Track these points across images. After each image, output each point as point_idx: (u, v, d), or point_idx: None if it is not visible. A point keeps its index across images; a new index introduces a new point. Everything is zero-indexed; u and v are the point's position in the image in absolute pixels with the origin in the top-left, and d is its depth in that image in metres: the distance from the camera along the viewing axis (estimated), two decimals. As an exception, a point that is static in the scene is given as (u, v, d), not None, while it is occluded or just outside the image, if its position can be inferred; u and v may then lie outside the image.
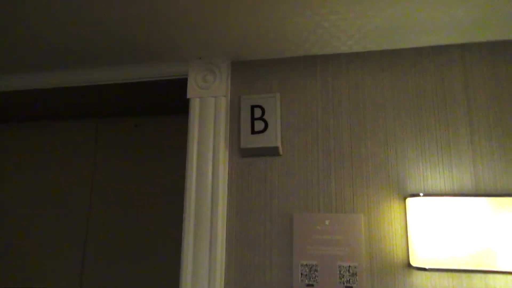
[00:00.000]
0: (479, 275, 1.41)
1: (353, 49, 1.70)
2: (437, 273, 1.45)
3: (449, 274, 1.44)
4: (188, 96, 1.79)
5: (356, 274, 1.51)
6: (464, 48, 1.62)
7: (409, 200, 1.51)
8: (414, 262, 1.45)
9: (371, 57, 1.69)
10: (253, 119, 1.70)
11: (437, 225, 1.39)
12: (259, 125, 1.69)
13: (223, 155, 1.70)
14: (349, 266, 1.52)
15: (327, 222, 1.58)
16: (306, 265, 1.55)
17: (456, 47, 1.62)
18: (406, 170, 1.56)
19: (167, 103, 2.23)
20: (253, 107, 1.71)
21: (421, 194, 1.45)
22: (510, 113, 1.53)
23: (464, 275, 1.43)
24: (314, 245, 1.56)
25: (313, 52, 1.73)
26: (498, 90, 1.55)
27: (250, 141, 1.67)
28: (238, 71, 1.81)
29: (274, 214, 1.63)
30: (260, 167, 1.70)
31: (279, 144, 1.64)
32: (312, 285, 1.53)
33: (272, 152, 1.67)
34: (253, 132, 1.69)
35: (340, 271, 1.52)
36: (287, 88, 1.74)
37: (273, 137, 1.65)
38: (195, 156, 1.71)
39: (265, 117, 1.69)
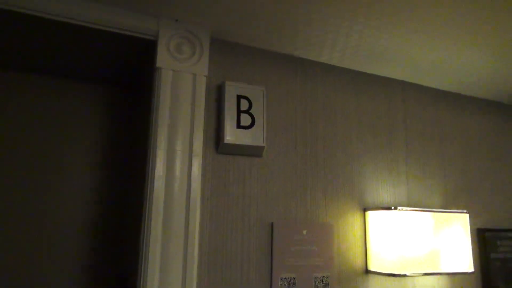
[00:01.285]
0: (428, 277, 1.70)
1: (331, 62, 1.72)
2: (391, 277, 1.64)
3: (401, 277, 1.65)
4: (159, 64, 1.36)
5: (328, 284, 1.51)
6: (405, 86, 1.90)
7: (369, 213, 1.65)
8: (371, 267, 1.59)
9: (345, 73, 1.76)
10: (239, 111, 1.46)
11: (391, 235, 1.57)
12: (245, 119, 1.46)
13: (199, 149, 1.38)
14: (323, 277, 1.51)
15: (304, 232, 1.52)
16: (285, 278, 1.44)
17: (399, 83, 1.89)
18: (366, 184, 1.70)
19: (101, 67, 1.63)
20: (239, 97, 1.47)
21: (381, 207, 1.62)
22: (430, 143, 1.90)
23: (415, 277, 1.68)
24: (292, 257, 1.47)
25: (295, 53, 1.64)
26: (425, 125, 1.91)
27: (235, 136, 1.43)
28: (218, 51, 1.52)
29: (252, 222, 1.44)
30: (240, 167, 1.47)
31: (265, 145, 1.47)
32: (292, 299, 1.44)
33: (256, 152, 1.48)
34: (238, 126, 1.44)
35: (315, 283, 1.49)
36: (269, 84, 1.59)
37: (259, 136, 1.47)
38: (163, 144, 1.32)
39: (252, 111, 1.48)
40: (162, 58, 1.37)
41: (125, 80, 1.88)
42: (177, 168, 1.33)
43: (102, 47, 1.55)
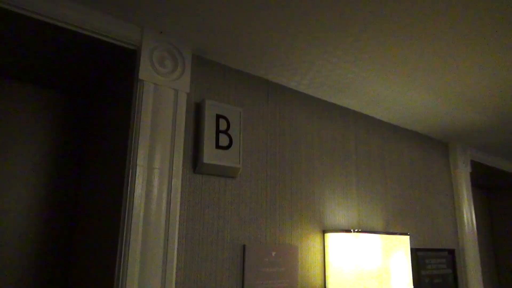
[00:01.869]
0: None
1: (298, 88, 1.79)
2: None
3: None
4: (141, 76, 1.28)
5: (293, 305, 1.54)
6: (357, 116, 2.06)
7: (328, 235, 1.74)
8: (329, 286, 1.67)
9: (309, 100, 1.84)
10: (218, 130, 1.44)
11: (348, 255, 1.67)
12: (224, 140, 1.44)
13: (179, 168, 1.32)
14: (288, 298, 1.54)
15: (273, 254, 1.54)
16: (256, 301, 1.44)
17: (352, 113, 2.04)
18: (325, 207, 1.79)
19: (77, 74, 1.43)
20: (218, 117, 1.45)
21: (338, 230, 1.72)
22: (375, 170, 2.08)
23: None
24: (262, 279, 1.47)
25: (268, 77, 1.68)
26: (372, 153, 2.08)
27: (214, 157, 1.40)
28: (198, 68, 1.48)
29: (225, 245, 1.42)
30: (215, 188, 1.43)
31: (241, 166, 1.47)
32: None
33: (232, 173, 1.46)
34: (217, 146, 1.42)
35: (282, 304, 1.51)
36: (243, 105, 1.59)
37: (236, 157, 1.46)
38: (142, 162, 1.24)
39: (229, 131, 1.47)
40: (145, 70, 1.30)
41: (77, 86, 1.72)
42: (156, 187, 1.26)
43: (66, 49, 1.41)
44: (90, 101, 1.76)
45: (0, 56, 1.46)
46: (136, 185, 1.21)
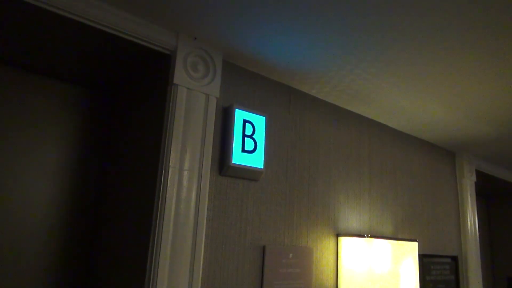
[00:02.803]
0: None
1: (318, 95, 1.84)
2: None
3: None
4: (176, 80, 1.33)
5: (307, 305, 1.60)
6: (370, 123, 2.12)
7: (341, 239, 1.80)
8: (341, 291, 1.73)
9: (327, 107, 1.90)
10: (244, 135, 1.49)
11: (361, 259, 1.73)
12: (249, 144, 1.50)
13: (208, 170, 1.37)
14: (303, 298, 1.60)
15: (290, 255, 1.59)
16: (273, 300, 1.49)
17: (366, 121, 2.10)
18: (340, 211, 1.85)
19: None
20: (245, 122, 1.50)
21: (351, 234, 1.78)
22: (387, 177, 2.13)
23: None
24: (280, 280, 1.53)
25: (291, 84, 1.73)
26: (384, 160, 2.14)
27: (240, 160, 1.45)
28: (227, 74, 1.53)
29: (247, 245, 1.47)
30: (238, 189, 1.49)
31: (264, 169, 1.52)
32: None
33: (255, 176, 1.52)
34: (243, 150, 1.47)
35: (297, 304, 1.57)
36: (267, 112, 1.64)
37: (260, 161, 1.51)
38: (174, 164, 1.28)
39: (255, 136, 1.52)
40: (179, 75, 1.34)
41: (107, 85, 1.76)
42: (186, 188, 1.31)
43: (100, 49, 1.45)
44: (119, 100, 1.80)
45: (34, 54, 1.50)
46: (168, 186, 1.26)
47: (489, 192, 3.87)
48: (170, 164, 1.28)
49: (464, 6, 1.14)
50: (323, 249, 1.74)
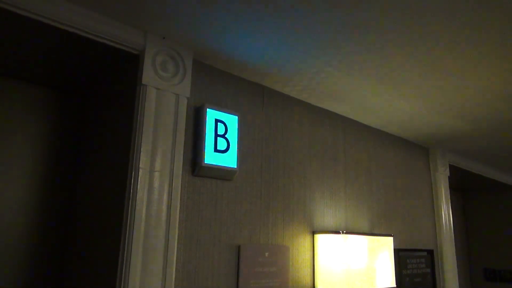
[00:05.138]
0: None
1: (291, 94, 1.85)
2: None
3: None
4: (144, 81, 1.31)
5: (284, 303, 1.61)
6: (345, 121, 2.14)
7: (317, 236, 1.81)
8: (318, 285, 1.74)
9: (300, 105, 1.90)
10: (217, 135, 1.48)
11: (337, 255, 1.75)
12: (222, 144, 1.49)
13: (179, 171, 1.36)
14: (280, 297, 1.60)
15: (266, 254, 1.59)
16: (250, 299, 1.49)
17: (341, 118, 2.12)
18: (315, 209, 1.86)
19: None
20: (217, 121, 1.49)
21: (327, 231, 1.79)
22: (362, 174, 2.16)
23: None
24: (256, 279, 1.53)
25: (264, 83, 1.73)
26: (359, 158, 2.17)
27: (213, 160, 1.44)
28: (197, 74, 1.52)
29: (222, 245, 1.46)
30: (212, 189, 1.48)
31: (237, 169, 1.51)
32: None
33: (228, 175, 1.51)
34: (216, 149, 1.46)
35: (274, 303, 1.57)
36: (240, 111, 1.64)
37: (233, 160, 1.51)
38: (144, 165, 1.27)
39: (227, 135, 1.51)
40: (148, 75, 1.33)
41: (74, 86, 1.72)
42: (157, 190, 1.29)
43: (66, 50, 1.42)
44: (88, 102, 1.76)
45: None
46: (138, 188, 1.24)
47: (464, 186, 3.96)
48: (140, 165, 1.26)
49: (434, 2, 1.17)
50: (299, 246, 1.74)
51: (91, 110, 1.71)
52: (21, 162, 1.62)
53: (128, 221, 1.21)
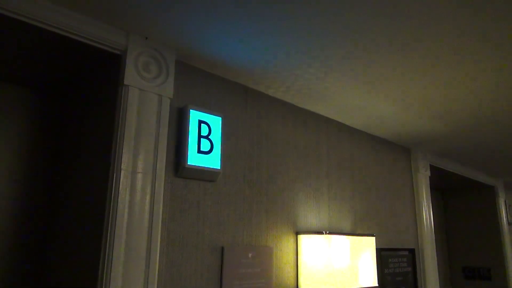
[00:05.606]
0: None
1: (276, 95, 1.86)
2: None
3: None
4: (126, 81, 1.30)
5: (268, 304, 1.61)
6: (328, 122, 2.16)
7: (301, 236, 1.82)
8: (302, 286, 1.75)
9: (285, 106, 1.91)
10: (200, 136, 1.47)
11: (320, 255, 1.76)
12: (205, 145, 1.48)
13: (162, 172, 1.35)
14: (264, 297, 1.60)
15: (250, 255, 1.59)
16: (233, 301, 1.49)
17: (324, 119, 2.14)
18: (299, 210, 1.87)
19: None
20: (200, 122, 1.49)
21: (310, 232, 1.81)
22: (344, 174, 2.18)
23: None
24: (240, 280, 1.53)
25: (248, 84, 1.74)
26: (342, 158, 2.19)
27: (196, 161, 1.44)
28: (181, 74, 1.51)
29: (205, 247, 1.46)
30: (195, 191, 1.47)
31: (221, 170, 1.51)
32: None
33: (212, 177, 1.50)
34: (199, 151, 1.46)
35: (257, 303, 1.57)
36: (224, 112, 1.64)
37: (217, 161, 1.50)
38: (126, 166, 1.25)
39: (211, 137, 1.51)
40: (130, 75, 1.31)
41: (54, 86, 1.69)
42: (139, 191, 1.28)
43: (46, 49, 1.39)
44: (70, 103, 1.73)
45: (-26, 54, 1.42)
46: (120, 190, 1.23)
47: (444, 186, 4.05)
48: (122, 166, 1.25)
49: (415, 6, 1.19)
50: (282, 247, 1.75)
51: (72, 111, 1.68)
52: (1, 163, 1.58)
53: (110, 222, 1.20)
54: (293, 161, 1.90)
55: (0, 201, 1.56)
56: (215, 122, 1.54)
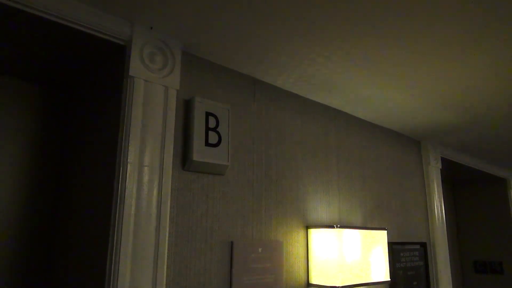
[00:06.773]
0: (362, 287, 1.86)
1: (284, 87, 1.81)
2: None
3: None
4: (131, 72, 1.27)
5: (278, 299, 1.58)
6: (337, 114, 2.11)
7: (311, 230, 1.78)
8: (313, 281, 1.72)
9: (293, 98, 1.87)
10: (207, 128, 1.44)
11: (332, 250, 1.72)
12: (213, 137, 1.45)
13: (169, 165, 1.32)
14: (274, 293, 1.57)
15: (260, 250, 1.56)
16: (243, 296, 1.46)
17: (333, 111, 2.09)
18: (309, 203, 1.83)
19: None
20: (208, 114, 1.45)
21: (321, 226, 1.77)
22: (354, 167, 2.14)
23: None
24: (250, 275, 1.50)
25: (255, 75, 1.70)
26: (351, 151, 2.14)
27: (204, 154, 1.40)
28: (187, 65, 1.47)
29: (214, 242, 1.43)
30: (203, 184, 1.44)
31: (229, 163, 1.48)
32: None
33: (220, 170, 1.47)
34: (206, 143, 1.42)
35: (268, 299, 1.54)
36: (230, 102, 1.60)
37: (225, 154, 1.47)
38: (133, 159, 1.22)
39: (219, 129, 1.47)
40: (135, 67, 1.28)
41: (59, 79, 1.66)
42: (146, 185, 1.25)
43: (50, 41, 1.36)
44: (74, 95, 1.70)
45: (-23, 47, 1.39)
46: (127, 183, 1.20)
47: (455, 179, 3.98)
48: (128, 160, 1.22)
49: (422, -10, 1.14)
50: (293, 241, 1.72)
51: (77, 104, 1.65)
52: (5, 159, 1.56)
53: (117, 217, 1.17)
54: (302, 154, 1.86)
55: (5, 193, 1.54)
56: (223, 114, 1.50)
